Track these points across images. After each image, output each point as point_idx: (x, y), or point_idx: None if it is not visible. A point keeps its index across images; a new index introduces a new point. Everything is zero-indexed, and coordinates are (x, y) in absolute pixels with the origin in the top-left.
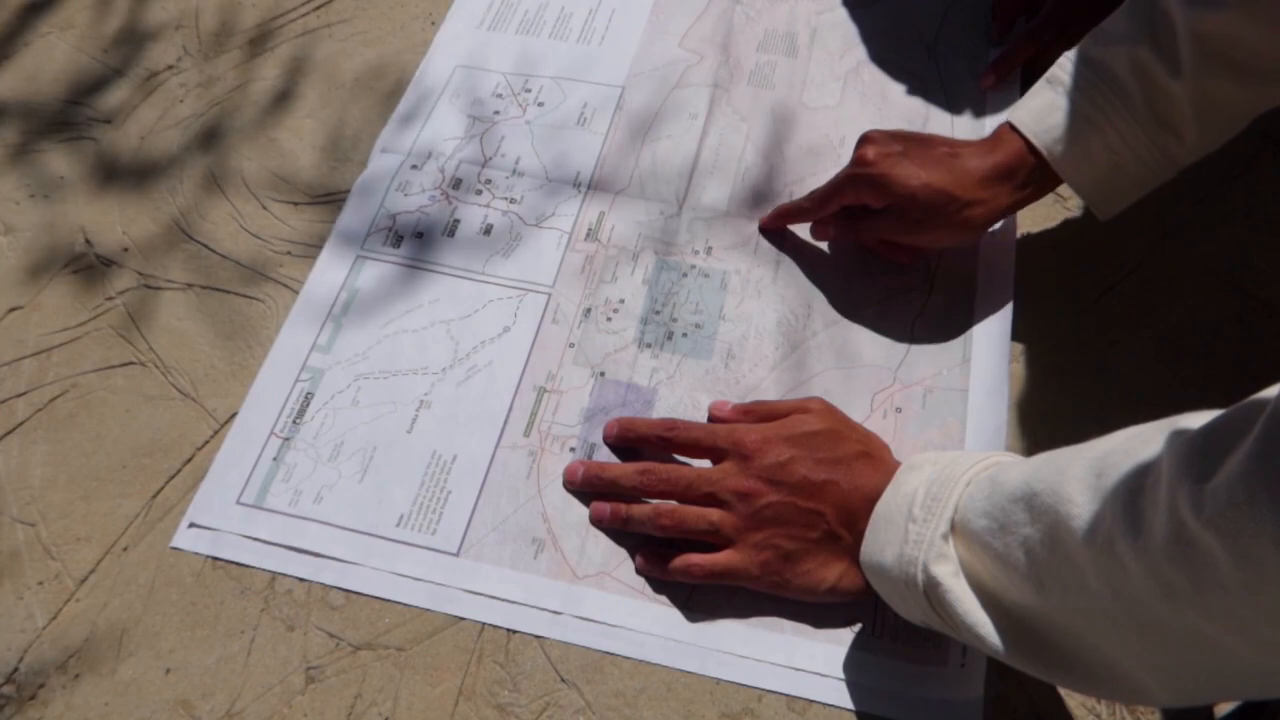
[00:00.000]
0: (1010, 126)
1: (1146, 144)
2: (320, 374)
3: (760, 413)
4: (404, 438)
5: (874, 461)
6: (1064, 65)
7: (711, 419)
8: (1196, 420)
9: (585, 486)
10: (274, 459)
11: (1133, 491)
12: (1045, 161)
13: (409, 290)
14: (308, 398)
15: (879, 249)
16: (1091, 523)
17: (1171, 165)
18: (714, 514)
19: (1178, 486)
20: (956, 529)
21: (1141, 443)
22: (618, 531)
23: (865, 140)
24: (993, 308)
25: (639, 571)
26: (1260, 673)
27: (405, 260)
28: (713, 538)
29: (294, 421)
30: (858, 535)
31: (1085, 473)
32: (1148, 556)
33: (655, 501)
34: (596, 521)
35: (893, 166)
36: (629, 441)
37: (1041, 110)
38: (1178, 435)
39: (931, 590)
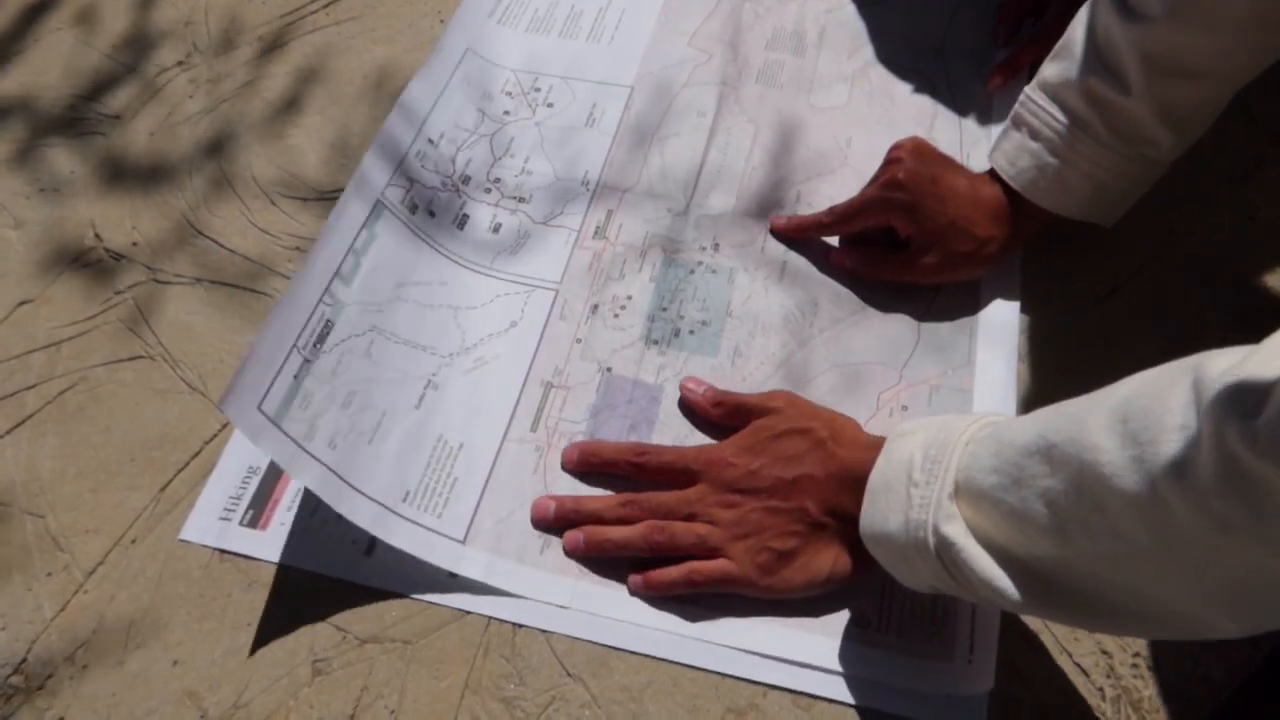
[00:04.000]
0: (993, 169)
1: (1121, 161)
2: (341, 307)
3: (730, 405)
4: (412, 412)
5: (843, 442)
6: (1025, 104)
7: (683, 399)
8: (1216, 358)
9: (560, 523)
10: (294, 376)
11: (1168, 431)
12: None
13: (420, 261)
14: (328, 325)
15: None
16: (1125, 467)
17: (1158, 166)
18: (701, 528)
19: (1224, 423)
20: (960, 489)
21: (1167, 384)
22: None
23: (895, 160)
24: (998, 307)
25: (637, 592)
26: None
27: (418, 229)
28: (702, 550)
29: (314, 345)
30: (841, 518)
31: (1108, 419)
32: (1196, 495)
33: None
34: (570, 553)
35: (924, 195)
36: (593, 466)
37: (1014, 153)
38: (1207, 374)
39: (944, 551)
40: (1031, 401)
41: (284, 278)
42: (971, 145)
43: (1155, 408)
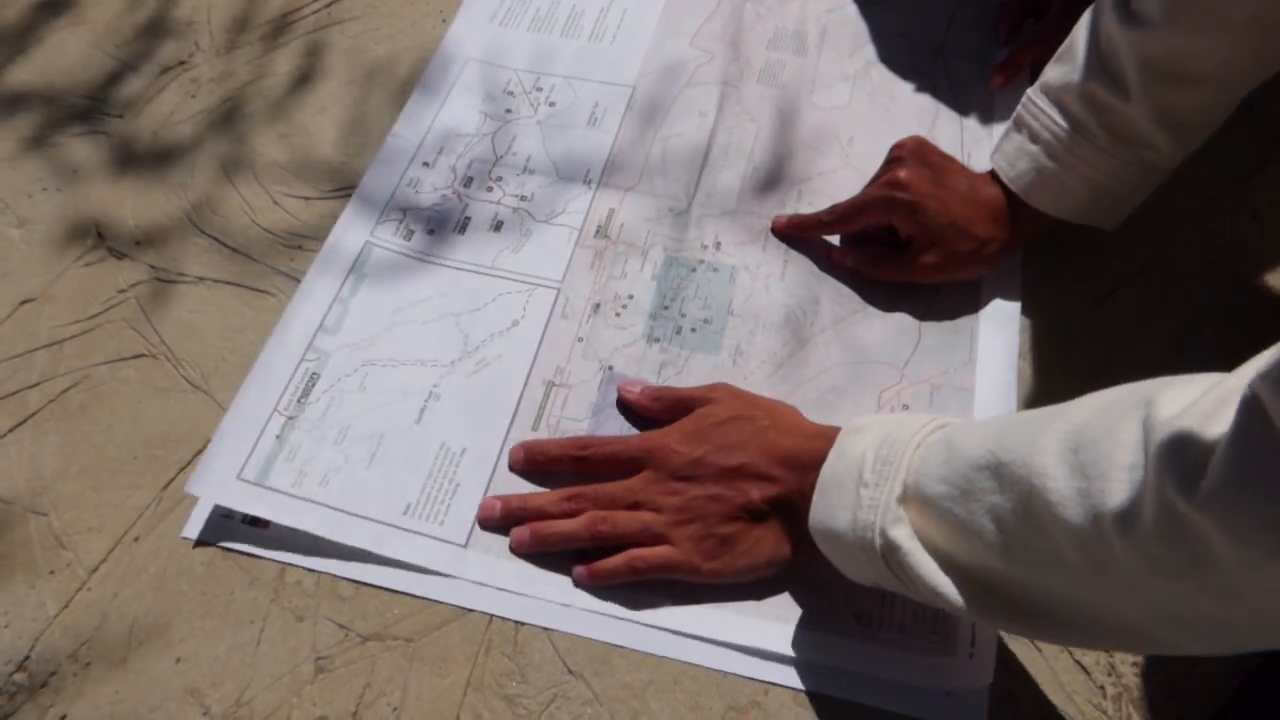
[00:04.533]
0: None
1: (1120, 165)
2: (327, 356)
3: (669, 400)
4: (413, 428)
5: (786, 432)
6: (1027, 106)
7: (620, 398)
8: (1168, 394)
9: (507, 521)
10: (277, 437)
11: (1116, 470)
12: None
13: (419, 282)
14: (313, 378)
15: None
16: (1071, 498)
17: (1158, 171)
18: (645, 515)
19: (1165, 474)
20: (909, 493)
21: (1118, 417)
22: None
23: (896, 159)
24: (1000, 306)
25: (581, 582)
26: (1253, 630)
27: (415, 253)
28: (646, 537)
29: (298, 400)
30: (782, 505)
31: (1059, 446)
32: (1137, 537)
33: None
34: (517, 548)
35: (926, 195)
36: (539, 465)
37: (1013, 155)
38: (1157, 416)
39: (890, 554)
40: (1032, 401)
41: (287, 276)
42: (973, 145)
43: (1105, 442)
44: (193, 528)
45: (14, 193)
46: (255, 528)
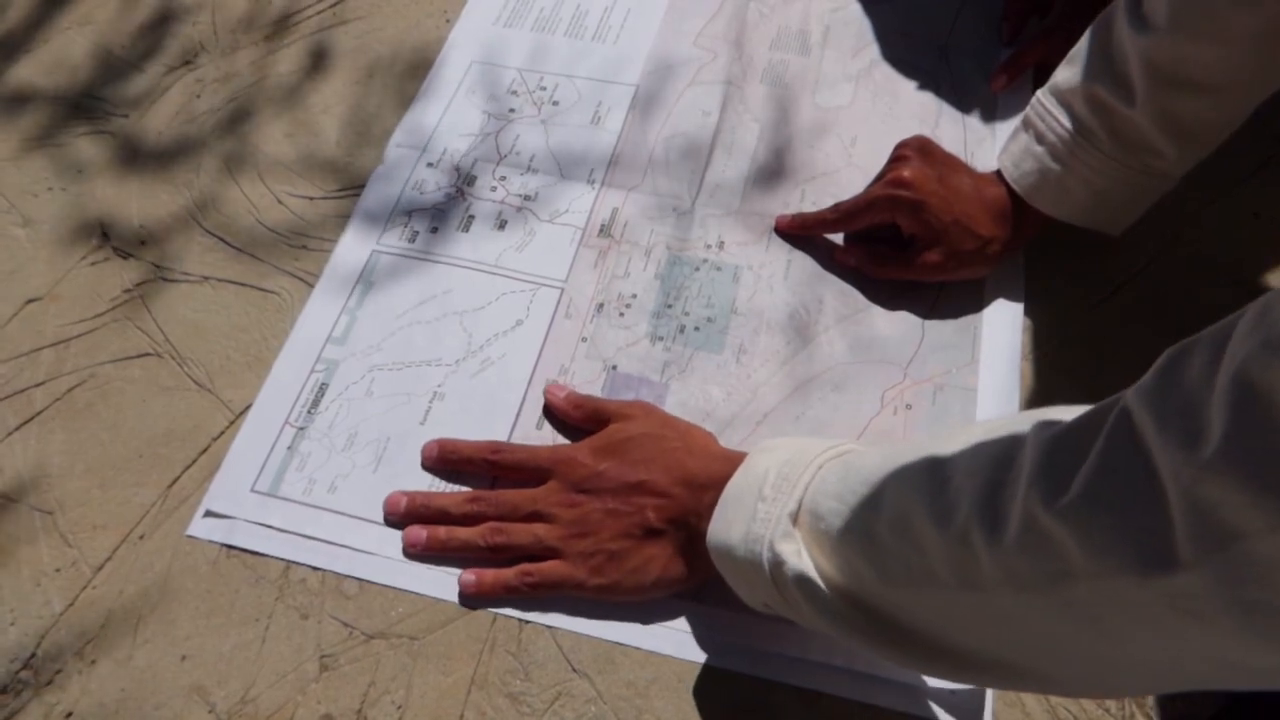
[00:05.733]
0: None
1: (1124, 171)
2: (335, 365)
3: (589, 409)
4: (417, 429)
5: (694, 453)
6: (1035, 107)
7: (546, 403)
8: (1061, 413)
9: (409, 518)
10: (288, 448)
11: (992, 484)
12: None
13: (423, 282)
14: (322, 388)
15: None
16: (947, 508)
17: (1164, 178)
18: (539, 528)
19: (1033, 485)
20: (803, 509)
21: (1006, 430)
22: None
23: (901, 158)
24: (1003, 306)
25: (469, 594)
26: (1114, 666)
27: (419, 254)
28: (540, 550)
29: (308, 411)
30: (680, 525)
31: (946, 458)
32: (1000, 549)
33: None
34: (410, 548)
35: (930, 194)
36: (451, 464)
37: (1019, 155)
38: (1038, 433)
39: (776, 570)
40: (1034, 400)
41: (291, 275)
42: (976, 144)
43: (987, 451)
44: (198, 525)
45: (19, 192)
46: (259, 525)
